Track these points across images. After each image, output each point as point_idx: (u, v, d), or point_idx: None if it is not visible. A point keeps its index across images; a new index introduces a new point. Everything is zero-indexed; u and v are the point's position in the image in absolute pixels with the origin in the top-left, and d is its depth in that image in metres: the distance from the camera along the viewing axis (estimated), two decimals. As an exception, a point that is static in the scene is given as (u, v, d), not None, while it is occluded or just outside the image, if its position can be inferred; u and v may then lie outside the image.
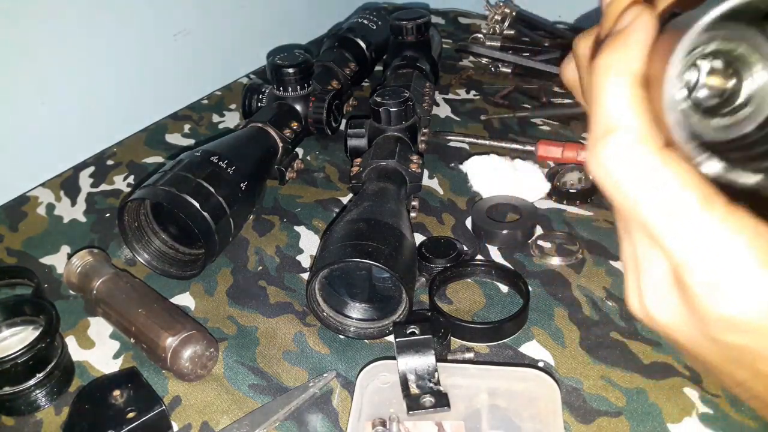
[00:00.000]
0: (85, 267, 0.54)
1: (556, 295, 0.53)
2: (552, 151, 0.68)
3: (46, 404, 0.46)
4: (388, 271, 0.46)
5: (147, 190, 0.52)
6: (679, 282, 0.24)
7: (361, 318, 0.50)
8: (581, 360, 0.47)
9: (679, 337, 0.25)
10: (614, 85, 0.24)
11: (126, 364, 0.49)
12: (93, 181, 0.71)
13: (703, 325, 0.24)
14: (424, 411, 0.40)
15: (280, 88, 0.70)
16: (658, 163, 0.23)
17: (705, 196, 0.22)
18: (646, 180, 0.23)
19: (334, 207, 0.65)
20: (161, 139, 0.78)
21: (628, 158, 0.23)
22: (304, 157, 0.73)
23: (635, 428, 0.42)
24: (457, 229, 0.61)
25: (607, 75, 0.24)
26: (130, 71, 0.79)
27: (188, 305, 0.54)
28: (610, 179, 0.24)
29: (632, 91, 0.23)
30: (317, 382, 0.46)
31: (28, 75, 0.69)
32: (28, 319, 0.50)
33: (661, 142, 0.23)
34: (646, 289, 0.25)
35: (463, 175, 0.67)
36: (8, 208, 0.68)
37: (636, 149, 0.23)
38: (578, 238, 0.58)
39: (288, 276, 0.57)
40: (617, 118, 0.23)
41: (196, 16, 0.85)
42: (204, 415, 0.45)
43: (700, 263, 0.23)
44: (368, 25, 0.86)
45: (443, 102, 0.82)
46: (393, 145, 0.62)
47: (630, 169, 0.23)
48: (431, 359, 0.42)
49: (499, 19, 0.95)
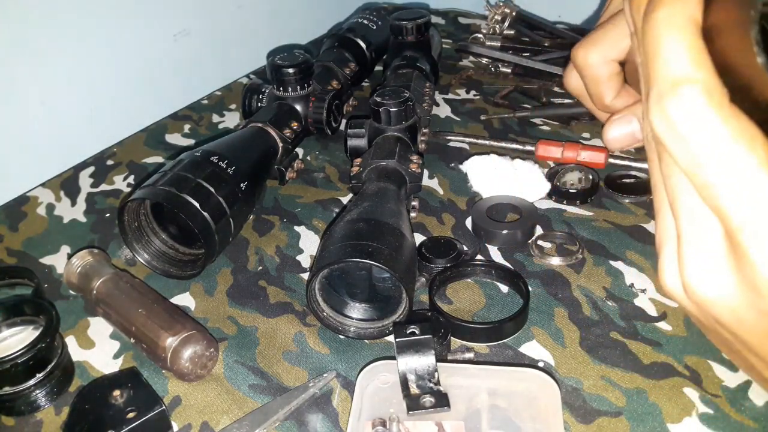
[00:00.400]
0: (85, 267, 0.54)
1: (556, 295, 0.53)
2: (552, 151, 0.68)
3: (46, 404, 0.46)
4: (388, 271, 0.46)
5: (147, 190, 0.52)
6: (734, 248, 0.23)
7: (361, 318, 0.50)
8: (581, 360, 0.47)
9: (723, 312, 0.24)
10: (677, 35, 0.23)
11: (126, 364, 0.49)
12: (93, 181, 0.71)
13: (755, 295, 0.22)
14: (424, 411, 0.40)
15: (280, 88, 0.70)
16: (728, 119, 0.22)
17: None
18: (713, 136, 0.22)
19: (334, 207, 0.65)
20: (161, 139, 0.78)
21: (696, 112, 0.22)
22: (304, 157, 0.73)
23: (635, 428, 0.42)
24: (457, 229, 0.61)
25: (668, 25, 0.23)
26: (130, 71, 0.79)
27: (188, 305, 0.54)
28: (676, 134, 0.23)
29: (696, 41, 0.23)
30: (317, 382, 0.46)
31: (28, 75, 0.69)
32: (28, 319, 0.50)
33: (727, 96, 0.22)
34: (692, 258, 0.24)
35: (463, 175, 0.67)
36: (8, 208, 0.68)
37: (705, 103, 0.22)
38: (578, 238, 0.58)
39: (288, 276, 0.57)
40: (684, 70, 0.22)
41: (196, 16, 0.85)
42: (204, 415, 0.45)
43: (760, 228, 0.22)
44: (368, 25, 0.86)
45: (443, 102, 0.82)
46: (393, 145, 0.62)
47: (698, 123, 0.22)
48: (431, 359, 0.42)
49: (499, 19, 0.95)
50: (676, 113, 0.23)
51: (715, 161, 0.22)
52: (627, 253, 0.56)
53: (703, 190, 0.23)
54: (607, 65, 0.34)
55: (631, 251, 0.56)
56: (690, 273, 0.24)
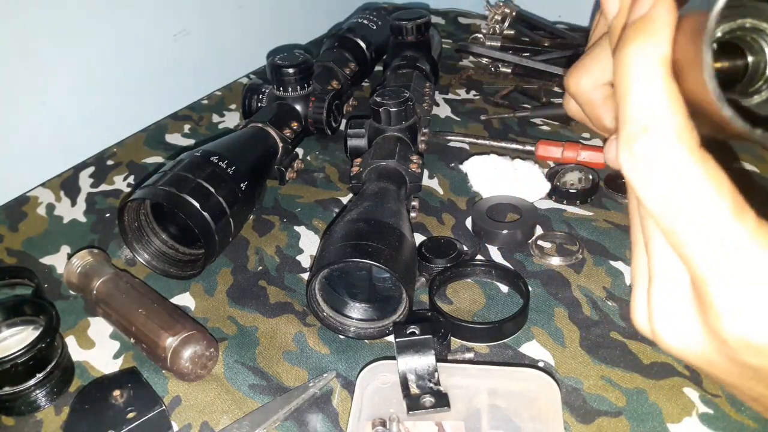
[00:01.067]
0: (85, 267, 0.54)
1: (556, 295, 0.53)
2: (552, 151, 0.68)
3: (46, 404, 0.46)
4: (388, 271, 0.46)
5: (147, 190, 0.52)
6: (699, 298, 0.22)
7: (361, 318, 0.50)
8: (581, 360, 0.47)
9: (692, 358, 0.24)
10: (646, 76, 0.22)
11: (126, 364, 0.49)
12: (93, 181, 0.71)
13: (722, 345, 0.22)
14: (424, 411, 0.40)
15: (280, 88, 0.70)
16: (695, 165, 0.21)
17: (738, 205, 0.21)
18: (681, 182, 0.21)
19: (334, 207, 0.65)
20: (161, 139, 0.78)
21: (664, 158, 0.21)
22: (304, 157, 0.73)
23: (635, 428, 0.42)
24: (457, 229, 0.61)
25: (637, 66, 0.22)
26: (130, 71, 0.79)
27: (188, 305, 0.54)
28: (644, 179, 0.22)
29: (665, 81, 0.22)
30: (317, 382, 0.46)
31: (28, 75, 0.69)
32: (28, 319, 0.50)
33: (698, 141, 0.21)
34: (659, 302, 0.24)
35: (463, 175, 0.67)
36: (8, 208, 0.68)
37: (674, 148, 0.21)
38: (578, 238, 0.58)
39: (288, 276, 0.57)
40: (653, 114, 0.22)
41: (196, 16, 0.85)
42: (204, 415, 0.45)
43: (726, 279, 0.21)
44: (368, 25, 0.86)
45: (443, 102, 0.82)
46: (393, 145, 0.62)
47: (666, 169, 0.21)
48: (431, 359, 0.42)
49: (499, 19, 0.95)
50: (644, 159, 0.22)
51: (682, 208, 0.22)
52: (627, 253, 0.56)
53: (670, 236, 0.22)
54: (599, 89, 0.33)
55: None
56: (657, 320, 0.24)
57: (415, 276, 0.52)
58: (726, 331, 0.21)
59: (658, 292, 0.24)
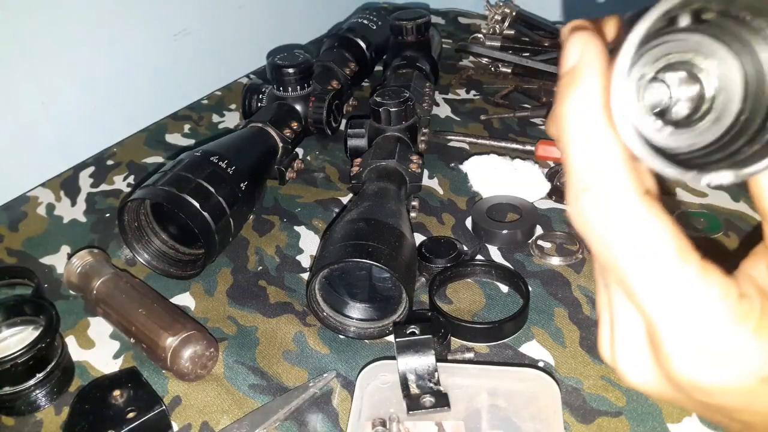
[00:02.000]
0: (85, 267, 0.54)
1: (556, 295, 0.53)
2: (552, 151, 0.68)
3: (46, 404, 0.46)
4: (388, 271, 0.46)
5: (147, 190, 0.52)
6: (651, 340, 0.22)
7: (361, 318, 0.50)
8: (581, 360, 0.47)
9: (651, 393, 0.25)
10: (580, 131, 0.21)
11: (126, 364, 0.49)
12: (93, 181, 0.71)
13: (676, 386, 0.23)
14: (424, 411, 0.40)
15: (280, 88, 0.70)
16: (638, 216, 0.21)
17: (682, 249, 0.21)
18: (625, 234, 0.21)
19: (334, 207, 0.65)
20: (161, 139, 0.78)
21: (606, 214, 0.21)
22: (304, 157, 0.73)
23: (635, 428, 0.42)
24: (457, 229, 0.61)
25: (571, 121, 0.22)
26: (130, 71, 0.79)
27: (188, 305, 0.54)
28: (591, 236, 0.22)
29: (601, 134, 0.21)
30: (317, 382, 0.46)
31: (28, 75, 0.69)
32: (28, 319, 0.50)
33: (641, 188, 0.21)
34: (619, 343, 0.24)
35: (463, 175, 0.67)
36: (8, 208, 0.68)
37: (616, 201, 0.21)
38: (578, 238, 0.58)
39: (288, 276, 0.57)
40: (592, 170, 0.22)
41: (196, 16, 0.85)
42: (204, 415, 0.45)
43: (673, 322, 0.21)
44: (368, 25, 0.86)
45: (443, 102, 0.82)
46: (393, 145, 0.62)
47: (611, 221, 0.21)
48: (431, 359, 0.42)
49: (499, 19, 0.95)
50: (588, 216, 0.22)
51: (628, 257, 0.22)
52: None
53: (621, 284, 0.23)
54: None
55: (631, 251, 0.56)
56: (618, 359, 0.25)
57: (415, 276, 0.52)
58: (676, 373, 0.22)
59: (618, 334, 0.24)
